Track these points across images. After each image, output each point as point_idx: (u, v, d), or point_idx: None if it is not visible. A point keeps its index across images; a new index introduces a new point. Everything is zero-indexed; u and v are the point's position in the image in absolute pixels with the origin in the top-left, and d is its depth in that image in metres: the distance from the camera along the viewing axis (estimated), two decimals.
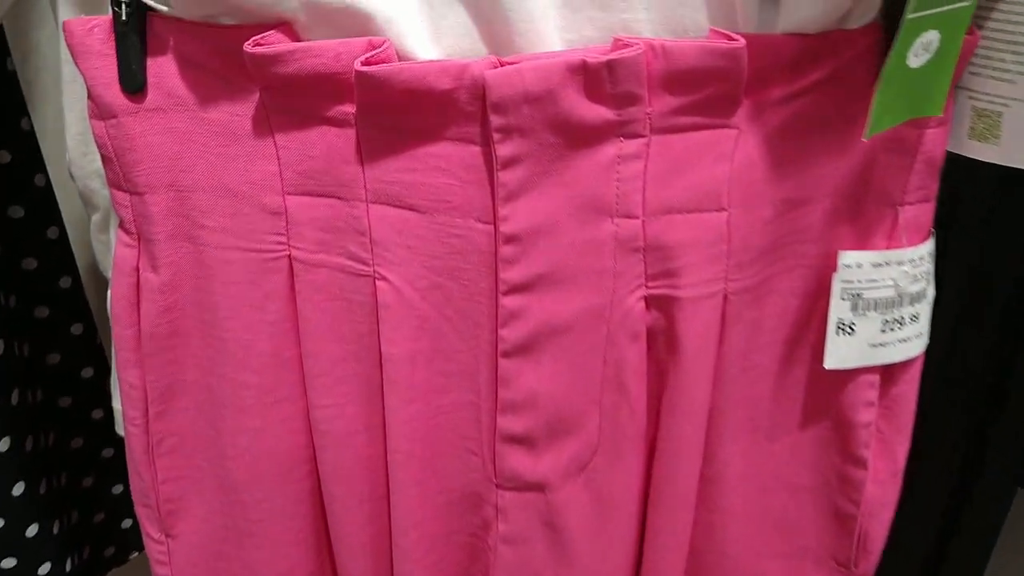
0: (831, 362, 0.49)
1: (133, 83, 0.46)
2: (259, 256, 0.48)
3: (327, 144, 0.45)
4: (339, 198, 0.46)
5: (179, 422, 0.53)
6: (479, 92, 0.42)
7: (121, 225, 0.50)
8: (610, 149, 0.43)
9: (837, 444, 0.53)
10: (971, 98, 0.48)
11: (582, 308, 0.46)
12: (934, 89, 0.45)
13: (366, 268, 0.47)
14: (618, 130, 0.43)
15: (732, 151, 0.44)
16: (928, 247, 0.49)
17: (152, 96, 0.47)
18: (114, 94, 0.46)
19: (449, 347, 0.48)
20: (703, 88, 0.42)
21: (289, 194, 0.47)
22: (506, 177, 0.43)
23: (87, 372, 0.78)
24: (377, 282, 0.47)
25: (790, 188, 0.46)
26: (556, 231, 0.44)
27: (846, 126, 0.45)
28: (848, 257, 0.47)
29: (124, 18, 0.44)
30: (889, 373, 0.51)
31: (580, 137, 0.43)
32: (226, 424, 0.52)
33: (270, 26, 0.43)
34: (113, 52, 0.45)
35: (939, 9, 0.41)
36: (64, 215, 0.71)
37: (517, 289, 0.45)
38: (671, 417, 0.49)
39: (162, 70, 0.46)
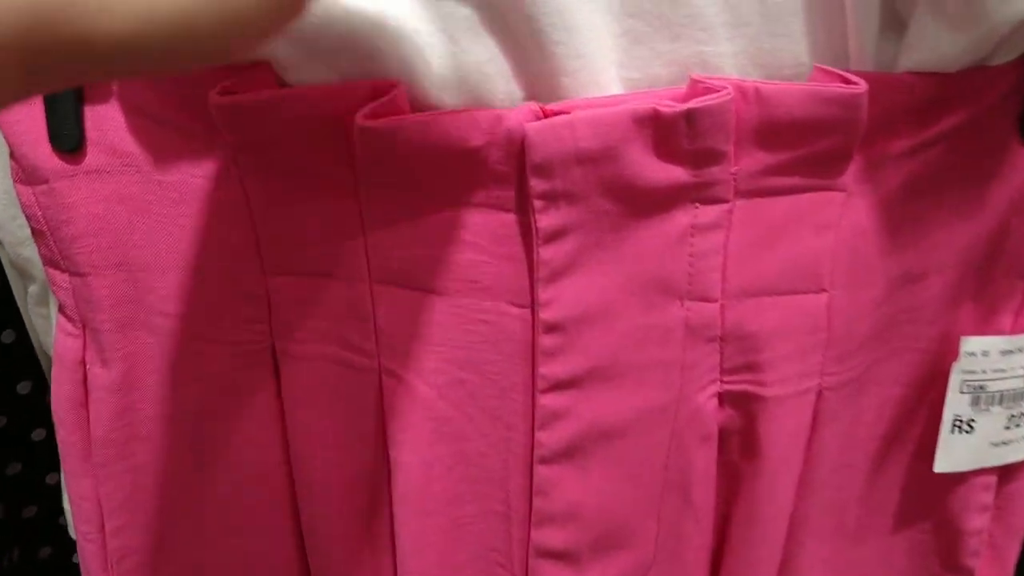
0: (943, 465, 0.41)
1: (68, 140, 0.36)
2: (234, 349, 0.39)
3: (319, 212, 0.36)
4: (335, 277, 0.37)
5: (143, 539, 0.44)
6: (516, 149, 0.33)
7: (61, 310, 0.41)
8: (682, 217, 0.34)
9: (939, 551, 0.45)
10: None
11: (641, 408, 0.37)
12: None
13: (370, 361, 0.38)
14: (693, 194, 0.34)
15: (838, 218, 0.35)
16: None
17: (93, 155, 0.37)
18: (43, 154, 0.37)
19: (473, 451, 0.39)
20: (808, 143, 0.33)
21: (271, 274, 0.38)
22: (549, 253, 0.34)
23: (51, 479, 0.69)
24: (384, 378, 0.38)
25: (908, 261, 0.37)
26: (610, 317, 0.35)
27: (978, 184, 0.37)
28: (973, 344, 0.38)
29: None
30: (1005, 469, 0.43)
31: (645, 203, 0.34)
32: (206, 545, 0.43)
33: (242, 66, 0.34)
34: (40, 101, 0.36)
35: None
36: None
37: (559, 386, 0.36)
38: (746, 530, 0.41)
39: (104, 122, 0.37)
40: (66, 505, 0.53)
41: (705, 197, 0.34)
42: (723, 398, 0.38)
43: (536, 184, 0.33)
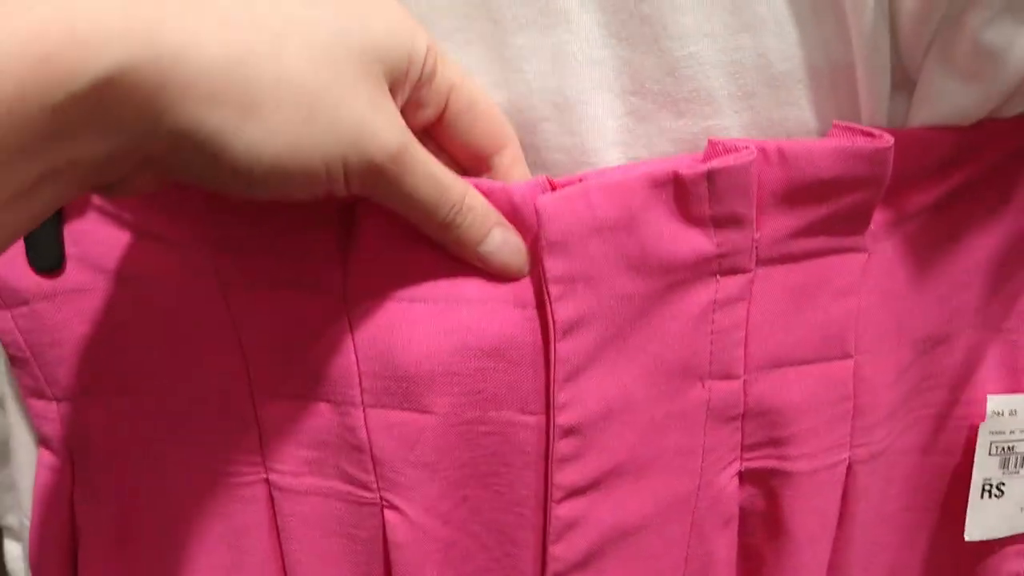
0: (975, 532, 0.39)
1: (47, 258, 0.34)
2: (227, 482, 0.36)
3: (305, 324, 0.34)
4: (327, 401, 0.34)
5: None
6: (527, 226, 0.32)
7: (43, 444, 0.38)
8: (704, 293, 0.33)
9: None
10: None
11: (662, 499, 0.35)
12: None
13: (371, 495, 0.35)
14: (715, 266, 0.32)
15: (860, 280, 0.34)
16: None
17: (74, 273, 0.35)
18: (21, 274, 0.35)
19: (477, 570, 0.36)
20: (833, 202, 0.32)
21: (260, 396, 0.35)
22: (567, 349, 0.32)
23: None
24: (386, 512, 0.35)
25: (930, 323, 0.36)
26: (630, 410, 0.33)
27: (990, 238, 0.36)
28: (998, 402, 0.37)
29: None
30: None
31: (665, 281, 0.32)
32: None
33: None
34: None
35: None
36: None
37: (576, 493, 0.34)
38: None
39: (84, 237, 0.35)
40: None
41: (727, 268, 0.32)
42: (744, 477, 0.36)
43: (551, 266, 0.31)
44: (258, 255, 0.33)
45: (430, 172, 0.30)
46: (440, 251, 0.32)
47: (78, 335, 0.35)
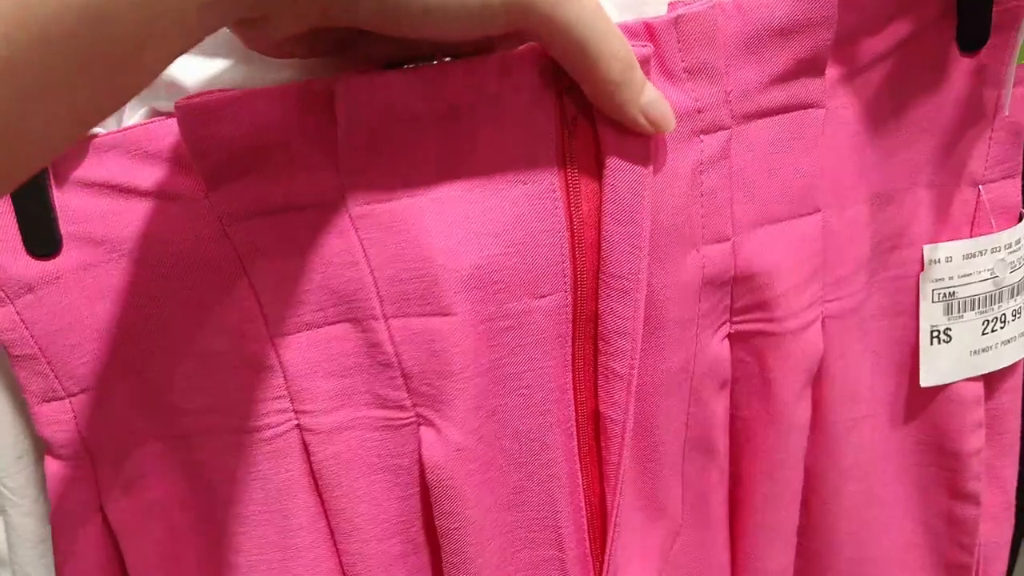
0: (929, 378, 0.42)
1: (45, 242, 0.33)
2: (259, 438, 0.35)
3: (313, 246, 0.34)
4: (347, 321, 0.34)
5: None
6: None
7: (53, 453, 0.36)
8: (691, 154, 0.35)
9: (945, 480, 0.45)
10: None
11: (665, 370, 0.36)
12: None
13: (404, 415, 0.35)
14: (697, 122, 0.35)
15: (819, 137, 0.37)
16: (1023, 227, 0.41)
17: (74, 251, 0.34)
18: (21, 263, 0.33)
19: (514, 487, 0.37)
20: (790, 49, 0.35)
21: (279, 337, 0.34)
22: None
23: None
24: (422, 430, 0.35)
25: (883, 178, 0.40)
26: (640, 288, 0.35)
27: (927, 99, 0.39)
28: (934, 251, 0.41)
29: None
30: (987, 383, 0.44)
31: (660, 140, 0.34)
32: None
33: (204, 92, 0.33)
34: (7, 206, 0.33)
35: None
36: None
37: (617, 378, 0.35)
38: (766, 483, 0.40)
39: (75, 213, 0.33)
40: None
41: (708, 125, 0.35)
42: (733, 340, 0.38)
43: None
44: (249, 183, 0.33)
45: (594, 7, 0.30)
46: (432, 141, 0.33)
47: (89, 314, 0.34)
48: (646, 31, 0.33)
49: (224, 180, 0.33)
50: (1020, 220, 0.42)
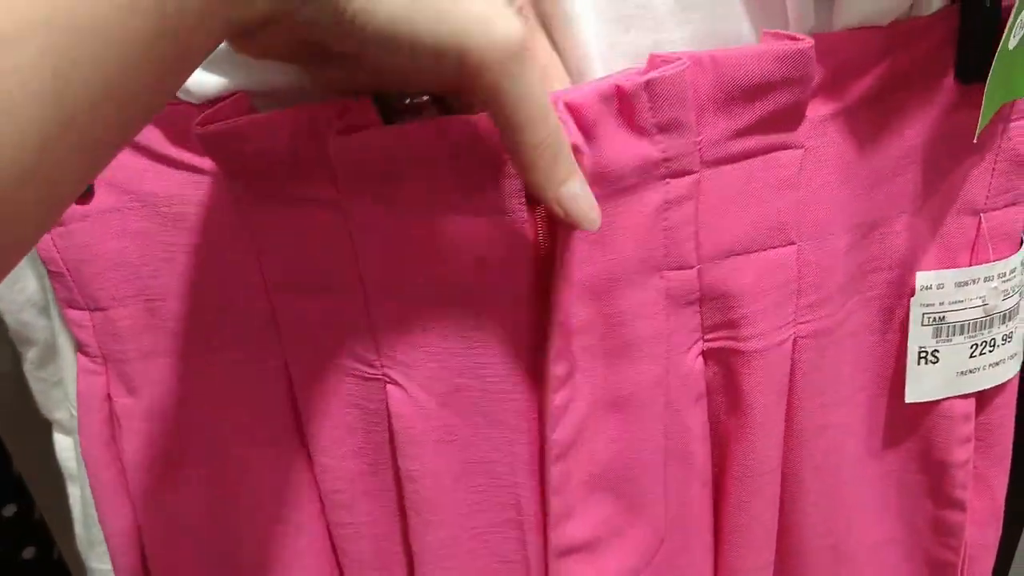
0: (913, 395, 0.43)
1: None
2: (253, 368, 0.41)
3: (310, 229, 0.38)
4: (333, 291, 0.39)
5: (187, 566, 0.46)
6: (491, 153, 0.35)
7: (81, 350, 0.43)
8: (655, 195, 0.36)
9: (931, 489, 0.47)
10: None
11: (637, 381, 0.39)
12: None
13: (374, 371, 0.40)
14: (663, 169, 0.36)
15: (798, 174, 0.38)
16: (1020, 256, 0.43)
17: (102, 196, 0.40)
18: None
19: (480, 459, 0.40)
20: (763, 104, 0.36)
21: (274, 291, 0.40)
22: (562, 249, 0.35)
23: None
24: (388, 387, 0.39)
25: (866, 209, 0.40)
26: (598, 300, 0.37)
27: (919, 128, 0.40)
28: (926, 278, 0.41)
29: None
30: (980, 398, 0.46)
31: (620, 187, 0.36)
32: (244, 560, 0.44)
33: (220, 97, 0.36)
34: None
35: None
36: None
37: (566, 379, 0.38)
38: (742, 488, 0.42)
39: (110, 166, 0.39)
40: (95, 564, 0.55)
41: (674, 171, 0.36)
42: (707, 356, 0.40)
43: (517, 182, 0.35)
44: (261, 180, 0.37)
45: (539, 87, 0.30)
46: (421, 183, 0.35)
47: (108, 250, 0.40)
48: (616, 93, 0.34)
49: (239, 176, 0.38)
50: (1022, 245, 0.43)
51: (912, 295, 0.42)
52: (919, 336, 0.42)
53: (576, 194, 0.32)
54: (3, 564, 0.70)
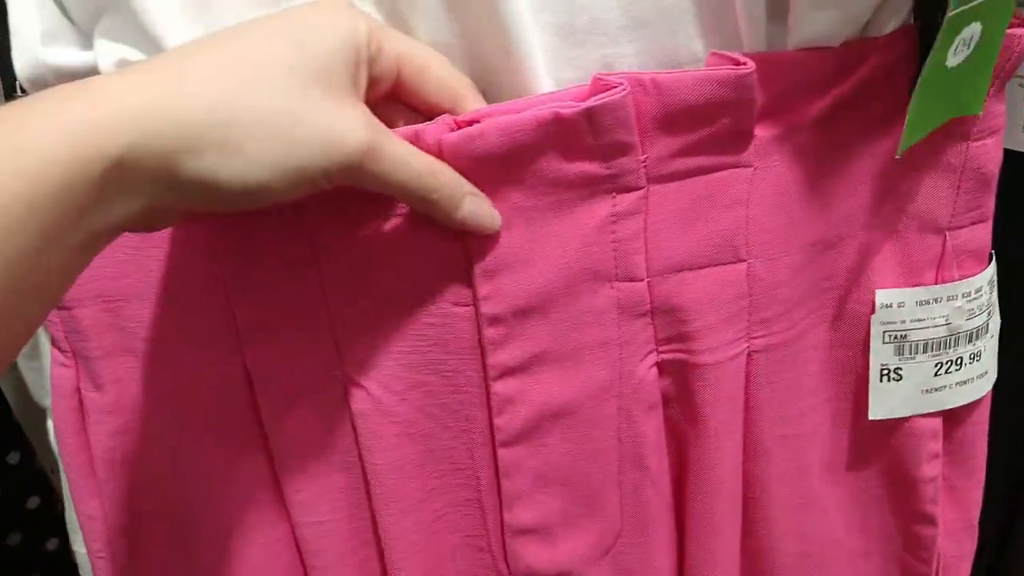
0: (877, 412, 0.43)
1: None
2: (214, 371, 0.42)
3: (265, 229, 0.39)
4: (293, 293, 0.40)
5: (150, 557, 0.48)
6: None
7: (54, 344, 0.45)
8: (602, 208, 0.37)
9: (899, 504, 0.47)
10: (1022, 86, 0.41)
11: (587, 385, 0.40)
12: (973, 87, 0.39)
13: (334, 372, 0.41)
14: (609, 185, 0.37)
15: (747, 193, 0.38)
16: (987, 276, 0.42)
17: None
18: None
19: (440, 447, 0.42)
20: (706, 124, 0.36)
21: (234, 292, 0.41)
22: (481, 251, 0.37)
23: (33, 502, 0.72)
24: (349, 387, 0.41)
25: (820, 228, 0.40)
26: (546, 306, 0.38)
27: (877, 148, 0.39)
28: (886, 296, 0.41)
29: None
30: (951, 414, 0.45)
31: (565, 197, 0.37)
32: (203, 556, 0.46)
33: None
34: None
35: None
36: None
37: (508, 373, 0.39)
38: (699, 495, 0.42)
39: None
40: (77, 548, 0.57)
41: (620, 186, 0.37)
42: (662, 367, 0.41)
43: None
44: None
45: (401, 158, 0.34)
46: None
47: None
48: (554, 121, 0.35)
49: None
50: (990, 261, 0.43)
51: (864, 308, 0.42)
52: (881, 354, 0.42)
53: (470, 214, 0.36)
54: (28, 556, 0.72)
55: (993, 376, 0.45)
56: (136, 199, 0.30)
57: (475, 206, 0.36)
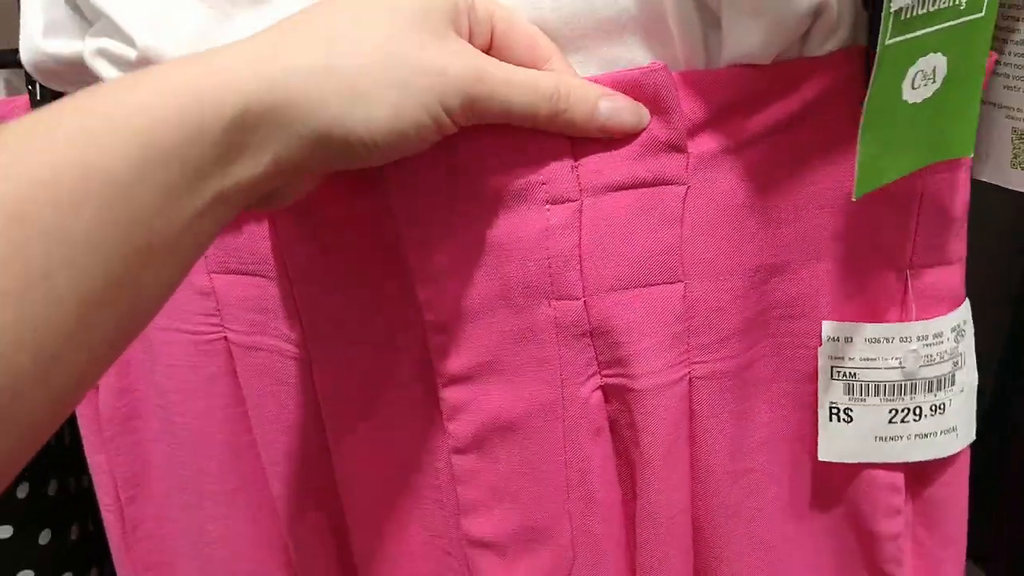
0: (826, 453, 0.41)
1: None
2: (195, 338, 0.46)
3: (243, 218, 0.42)
4: (264, 276, 0.43)
5: (151, 508, 0.51)
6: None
7: None
8: (536, 220, 0.37)
9: (862, 557, 0.44)
10: (1010, 118, 0.39)
11: (531, 404, 0.40)
12: (956, 126, 0.37)
13: (300, 351, 0.43)
14: (543, 193, 0.37)
15: (681, 211, 0.37)
16: (950, 321, 0.39)
17: None
18: None
19: (402, 439, 0.43)
20: (636, 134, 0.36)
21: (215, 272, 0.44)
22: (420, 256, 0.39)
23: None
24: (314, 366, 0.43)
25: (766, 252, 0.39)
26: (487, 316, 0.39)
27: (828, 173, 0.38)
28: (832, 328, 0.39)
29: (38, 97, 0.43)
30: (922, 472, 0.42)
31: (496, 207, 0.37)
32: (196, 512, 0.49)
33: None
34: None
35: (937, 27, 0.34)
36: None
37: (456, 381, 0.40)
38: (649, 526, 0.41)
39: None
40: None
41: (553, 196, 0.37)
42: (607, 391, 0.40)
43: (397, 201, 0.38)
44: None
45: (515, 79, 0.34)
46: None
47: None
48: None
49: None
50: (955, 308, 0.40)
51: (815, 341, 0.40)
52: (830, 390, 0.40)
53: (609, 116, 0.35)
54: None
55: (967, 436, 0.42)
56: (262, 156, 0.31)
57: (613, 105, 0.36)
